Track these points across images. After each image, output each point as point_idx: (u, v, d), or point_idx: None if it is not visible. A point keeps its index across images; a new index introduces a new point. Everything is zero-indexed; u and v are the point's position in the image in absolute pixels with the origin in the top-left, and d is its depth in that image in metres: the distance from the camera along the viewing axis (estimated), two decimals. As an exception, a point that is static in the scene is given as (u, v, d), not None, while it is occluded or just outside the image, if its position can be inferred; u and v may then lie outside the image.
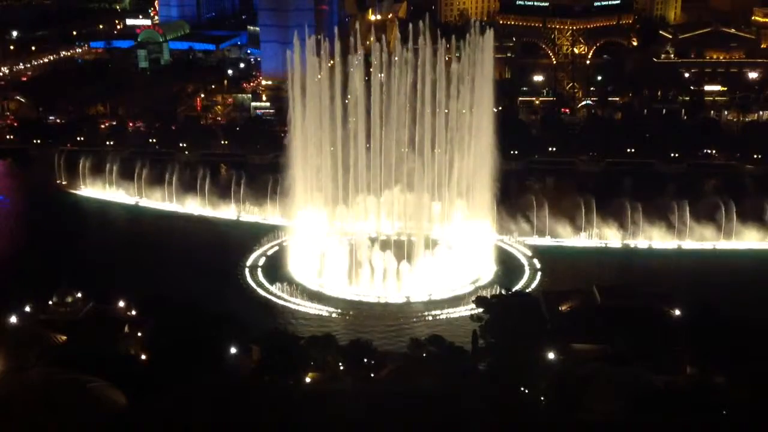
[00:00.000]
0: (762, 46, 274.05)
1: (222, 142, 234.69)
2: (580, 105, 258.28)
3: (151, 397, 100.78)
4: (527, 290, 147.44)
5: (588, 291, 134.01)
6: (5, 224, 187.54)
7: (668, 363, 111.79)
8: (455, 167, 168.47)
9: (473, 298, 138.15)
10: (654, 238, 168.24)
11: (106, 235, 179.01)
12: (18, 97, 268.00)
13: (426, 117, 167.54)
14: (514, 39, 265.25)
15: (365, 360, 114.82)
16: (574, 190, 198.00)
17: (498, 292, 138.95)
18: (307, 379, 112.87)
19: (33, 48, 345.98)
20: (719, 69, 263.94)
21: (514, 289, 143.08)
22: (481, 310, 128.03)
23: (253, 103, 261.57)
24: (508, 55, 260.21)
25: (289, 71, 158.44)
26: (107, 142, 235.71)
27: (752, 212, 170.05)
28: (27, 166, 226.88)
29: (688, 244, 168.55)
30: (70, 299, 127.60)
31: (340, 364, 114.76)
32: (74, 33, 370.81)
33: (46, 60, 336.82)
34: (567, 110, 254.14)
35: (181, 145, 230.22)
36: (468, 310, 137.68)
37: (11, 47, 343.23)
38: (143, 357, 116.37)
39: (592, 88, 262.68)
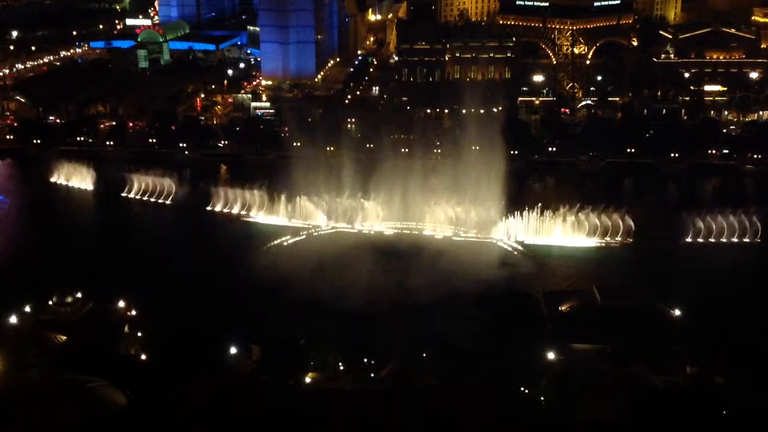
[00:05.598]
0: (762, 46, 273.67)
1: (222, 142, 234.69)
2: (580, 105, 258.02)
3: (151, 397, 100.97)
4: (527, 290, 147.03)
5: (588, 291, 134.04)
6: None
7: (668, 363, 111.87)
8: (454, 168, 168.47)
9: (473, 298, 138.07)
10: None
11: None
12: (18, 97, 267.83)
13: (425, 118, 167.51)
14: (514, 39, 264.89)
15: (365, 360, 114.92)
16: (575, 190, 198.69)
17: (498, 292, 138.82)
18: (307, 379, 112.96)
19: (33, 48, 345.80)
20: (719, 69, 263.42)
21: (513, 290, 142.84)
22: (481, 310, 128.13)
23: (253, 103, 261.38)
24: (508, 55, 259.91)
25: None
26: (107, 142, 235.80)
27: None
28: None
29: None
30: (70, 299, 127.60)
31: (340, 364, 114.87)
32: (74, 33, 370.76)
33: (46, 60, 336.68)
34: (567, 110, 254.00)
35: (181, 145, 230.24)
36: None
37: (11, 47, 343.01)
38: (143, 357, 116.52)
39: (592, 88, 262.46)
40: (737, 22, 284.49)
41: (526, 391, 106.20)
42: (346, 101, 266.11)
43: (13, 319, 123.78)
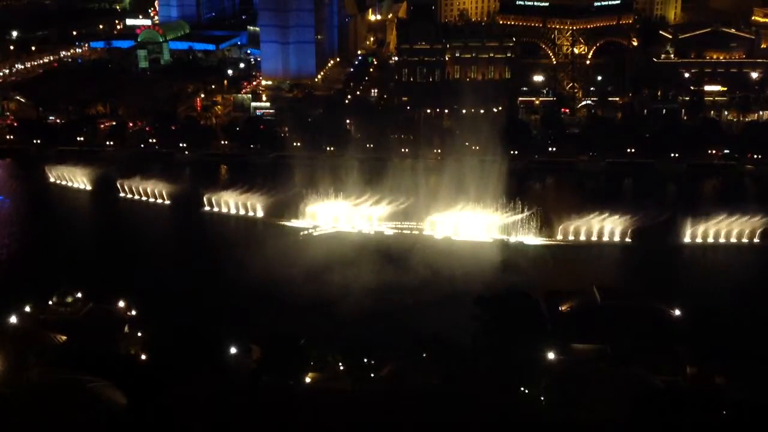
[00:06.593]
0: (762, 46, 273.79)
1: (222, 142, 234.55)
2: (580, 105, 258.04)
3: (151, 397, 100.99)
4: (527, 290, 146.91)
5: (588, 291, 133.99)
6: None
7: (668, 363, 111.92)
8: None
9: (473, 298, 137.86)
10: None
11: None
12: (18, 97, 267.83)
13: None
14: (514, 39, 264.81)
15: (365, 360, 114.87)
16: (574, 190, 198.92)
17: (498, 292, 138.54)
18: (307, 379, 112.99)
19: (33, 48, 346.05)
20: (719, 69, 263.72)
21: (513, 289, 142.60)
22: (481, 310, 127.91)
23: (253, 103, 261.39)
24: (508, 55, 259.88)
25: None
26: (107, 142, 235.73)
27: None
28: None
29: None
30: (70, 299, 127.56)
31: (340, 364, 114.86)
32: (74, 33, 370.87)
33: (46, 60, 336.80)
34: (567, 110, 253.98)
35: (181, 145, 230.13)
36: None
37: (11, 47, 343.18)
38: (143, 357, 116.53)
39: (592, 88, 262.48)
40: (737, 22, 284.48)
41: (526, 391, 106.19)
42: (346, 101, 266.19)
43: (13, 319, 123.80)
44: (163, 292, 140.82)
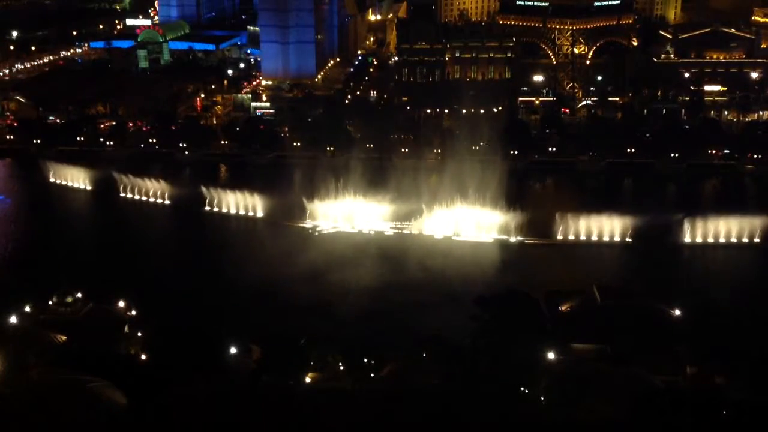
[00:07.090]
0: (762, 46, 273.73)
1: (222, 142, 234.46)
2: (580, 105, 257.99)
3: (151, 397, 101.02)
4: (527, 290, 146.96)
5: (588, 291, 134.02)
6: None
7: (668, 363, 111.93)
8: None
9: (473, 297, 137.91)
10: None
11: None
12: (18, 97, 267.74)
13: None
14: (514, 39, 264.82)
15: (365, 360, 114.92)
16: (574, 190, 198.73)
17: (498, 292, 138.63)
18: (307, 379, 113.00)
19: (33, 48, 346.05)
20: (719, 69, 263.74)
21: (513, 289, 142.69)
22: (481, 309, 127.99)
23: (253, 103, 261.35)
24: (508, 55, 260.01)
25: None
26: (107, 142, 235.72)
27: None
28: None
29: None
30: (70, 299, 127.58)
31: (340, 364, 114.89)
32: (74, 33, 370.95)
33: (46, 60, 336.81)
34: (567, 110, 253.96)
35: (181, 145, 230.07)
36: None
37: (11, 47, 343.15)
38: (143, 357, 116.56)
39: (592, 88, 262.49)
40: (737, 22, 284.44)
41: (526, 391, 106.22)
42: (346, 101, 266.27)
43: (13, 319, 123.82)
44: (163, 292, 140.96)
